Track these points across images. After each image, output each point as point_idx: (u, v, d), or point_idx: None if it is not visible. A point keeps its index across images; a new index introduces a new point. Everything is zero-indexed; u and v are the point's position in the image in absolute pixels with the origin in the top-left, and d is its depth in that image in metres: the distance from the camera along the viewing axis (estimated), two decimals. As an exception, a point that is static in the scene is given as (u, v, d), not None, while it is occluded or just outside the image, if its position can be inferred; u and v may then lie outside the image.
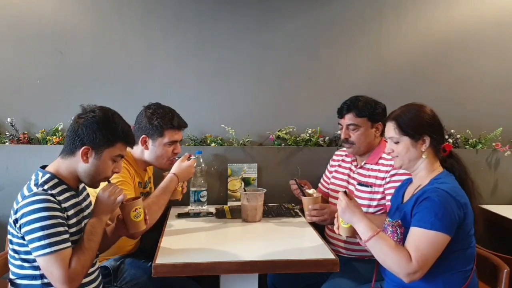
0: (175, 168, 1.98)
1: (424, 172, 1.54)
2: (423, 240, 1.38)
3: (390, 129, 1.56)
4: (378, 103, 2.05)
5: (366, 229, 1.46)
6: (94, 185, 1.53)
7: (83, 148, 1.43)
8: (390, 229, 1.53)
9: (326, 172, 2.33)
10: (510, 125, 2.69)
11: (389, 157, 1.95)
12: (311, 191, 2.04)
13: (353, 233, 1.53)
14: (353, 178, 2.09)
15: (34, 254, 1.34)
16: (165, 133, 1.95)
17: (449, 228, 1.38)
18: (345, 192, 1.57)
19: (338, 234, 1.58)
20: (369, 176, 2.01)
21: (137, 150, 1.99)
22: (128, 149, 1.57)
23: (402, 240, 1.46)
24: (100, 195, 1.52)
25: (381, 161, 2.00)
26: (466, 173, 1.54)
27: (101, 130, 1.43)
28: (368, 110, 2.00)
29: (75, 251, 1.39)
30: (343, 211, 1.51)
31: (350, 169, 2.15)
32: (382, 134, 2.05)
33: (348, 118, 2.02)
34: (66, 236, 1.37)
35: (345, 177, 2.15)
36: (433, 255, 1.38)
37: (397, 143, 1.55)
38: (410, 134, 1.52)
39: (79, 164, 1.45)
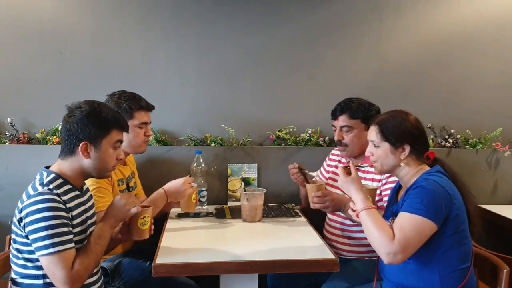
0: (167, 184, 1.96)
1: (408, 176, 1.56)
2: (408, 223, 1.40)
3: (373, 133, 1.59)
4: (372, 105, 2.04)
5: (360, 201, 1.51)
6: (105, 176, 1.56)
7: (81, 144, 1.44)
8: None
9: (322, 171, 2.31)
10: (510, 125, 2.68)
11: None
12: (315, 173, 2.03)
13: None
14: (337, 194, 2.07)
15: (37, 253, 1.34)
16: (135, 115, 1.96)
17: (434, 215, 1.39)
18: (345, 167, 1.61)
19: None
20: (365, 179, 2.00)
21: None
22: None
23: None
24: (116, 201, 1.54)
25: None
26: (455, 177, 1.55)
27: (92, 123, 1.44)
28: (362, 112, 2.00)
29: (80, 253, 1.39)
30: (341, 185, 1.59)
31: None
32: None
33: (342, 120, 2.02)
34: (70, 236, 1.37)
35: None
36: (416, 240, 1.39)
37: (377, 147, 1.58)
38: (391, 141, 1.55)
39: (83, 161, 1.46)
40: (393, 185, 1.82)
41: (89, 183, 1.72)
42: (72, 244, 1.37)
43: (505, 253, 1.75)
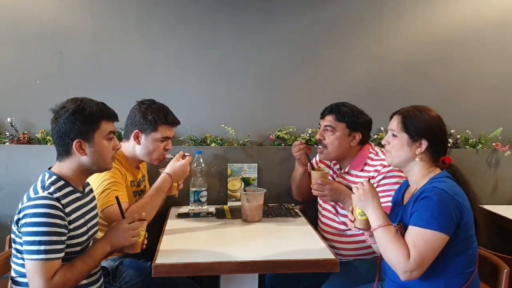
0: (168, 168, 1.98)
1: (418, 175, 1.54)
2: (420, 239, 1.38)
3: (394, 122, 1.58)
4: (362, 113, 2.03)
5: (378, 218, 1.46)
6: (106, 168, 1.55)
7: (74, 143, 1.43)
8: None
9: (314, 162, 2.26)
10: (510, 125, 2.68)
11: (373, 163, 1.95)
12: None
13: (369, 226, 1.52)
14: (338, 183, 2.06)
15: (24, 256, 1.34)
16: (159, 128, 1.94)
17: (446, 227, 1.38)
18: (368, 180, 1.57)
19: (353, 227, 1.57)
20: (355, 183, 1.97)
21: (128, 147, 1.96)
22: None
23: None
24: (122, 227, 1.52)
25: (366, 167, 1.98)
26: (467, 186, 1.52)
27: (79, 119, 1.44)
28: (349, 117, 1.98)
29: (65, 266, 1.38)
30: (363, 195, 1.50)
31: (334, 171, 2.14)
32: (361, 143, 2.02)
33: (328, 120, 2.01)
34: (60, 246, 1.36)
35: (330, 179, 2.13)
36: (431, 254, 1.38)
37: (395, 136, 1.56)
38: (409, 133, 1.53)
39: (80, 159, 1.46)
40: (385, 187, 1.82)
41: (105, 177, 1.72)
42: (59, 255, 1.36)
43: (505, 253, 1.75)
